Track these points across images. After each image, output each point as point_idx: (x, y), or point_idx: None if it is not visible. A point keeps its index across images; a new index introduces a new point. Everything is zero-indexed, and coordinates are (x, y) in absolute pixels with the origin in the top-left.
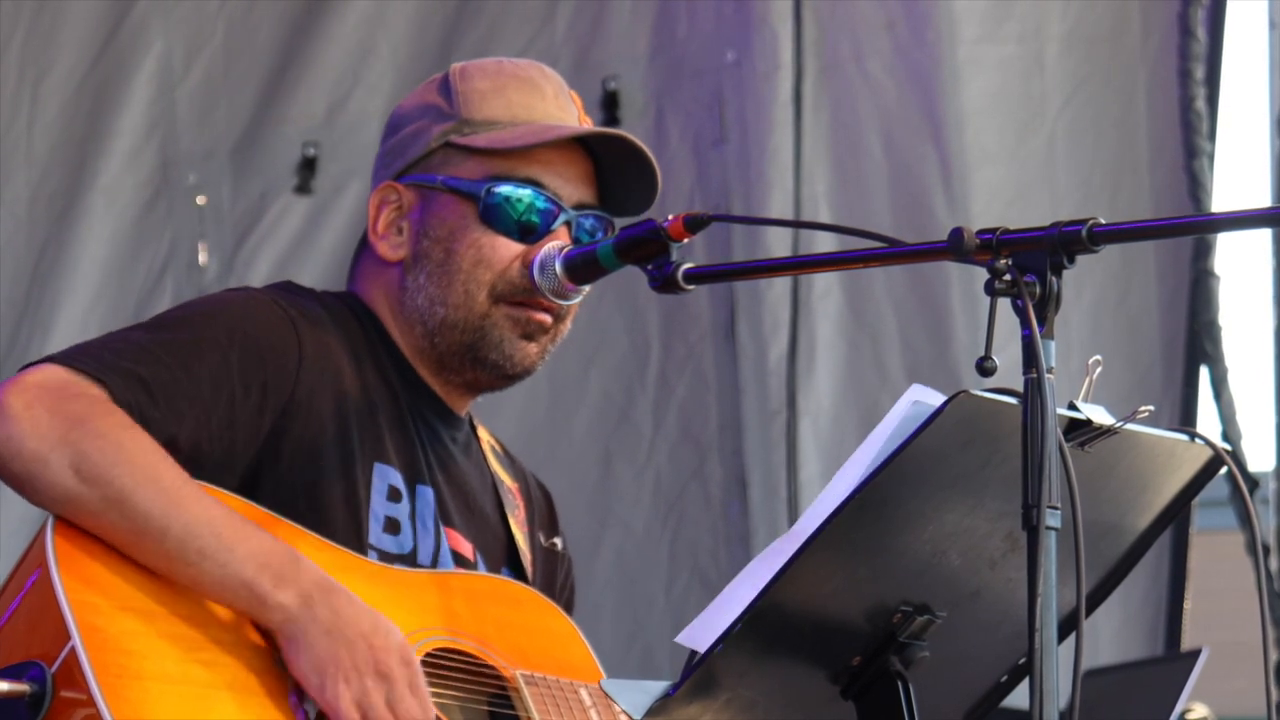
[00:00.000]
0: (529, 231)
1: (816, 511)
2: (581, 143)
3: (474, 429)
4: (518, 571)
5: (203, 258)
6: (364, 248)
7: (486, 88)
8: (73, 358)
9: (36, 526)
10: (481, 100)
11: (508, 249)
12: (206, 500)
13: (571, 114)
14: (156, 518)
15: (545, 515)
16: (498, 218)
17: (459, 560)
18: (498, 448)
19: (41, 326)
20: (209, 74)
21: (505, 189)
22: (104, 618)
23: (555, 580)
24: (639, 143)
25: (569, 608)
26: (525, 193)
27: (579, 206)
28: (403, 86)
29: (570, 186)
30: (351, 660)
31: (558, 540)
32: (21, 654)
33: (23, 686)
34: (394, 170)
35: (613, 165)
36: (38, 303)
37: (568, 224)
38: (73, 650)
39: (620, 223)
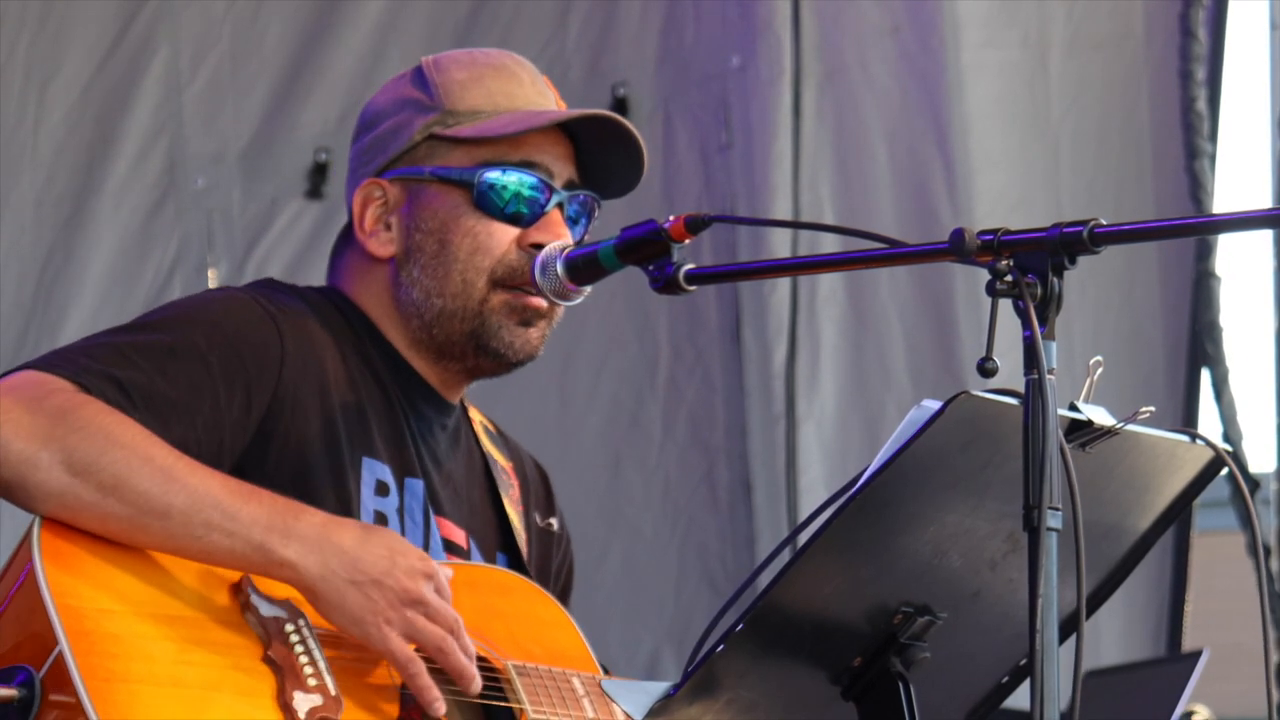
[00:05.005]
0: (524, 215)
1: None
2: (562, 126)
3: (465, 411)
4: (513, 553)
5: (211, 270)
6: (346, 246)
7: (465, 77)
8: (47, 362)
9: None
10: (462, 90)
11: (504, 234)
12: (201, 472)
13: (549, 99)
14: (157, 497)
15: (541, 495)
16: (492, 203)
17: (451, 548)
18: (491, 428)
19: (49, 330)
20: (216, 77)
21: (498, 174)
22: (91, 620)
23: (551, 561)
24: (627, 124)
25: (567, 589)
26: (518, 176)
27: (568, 186)
28: None
29: (558, 166)
30: (385, 600)
31: (554, 520)
32: (9, 658)
33: (11, 692)
34: (375, 166)
35: (594, 148)
36: (45, 306)
37: (560, 205)
38: (60, 655)
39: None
